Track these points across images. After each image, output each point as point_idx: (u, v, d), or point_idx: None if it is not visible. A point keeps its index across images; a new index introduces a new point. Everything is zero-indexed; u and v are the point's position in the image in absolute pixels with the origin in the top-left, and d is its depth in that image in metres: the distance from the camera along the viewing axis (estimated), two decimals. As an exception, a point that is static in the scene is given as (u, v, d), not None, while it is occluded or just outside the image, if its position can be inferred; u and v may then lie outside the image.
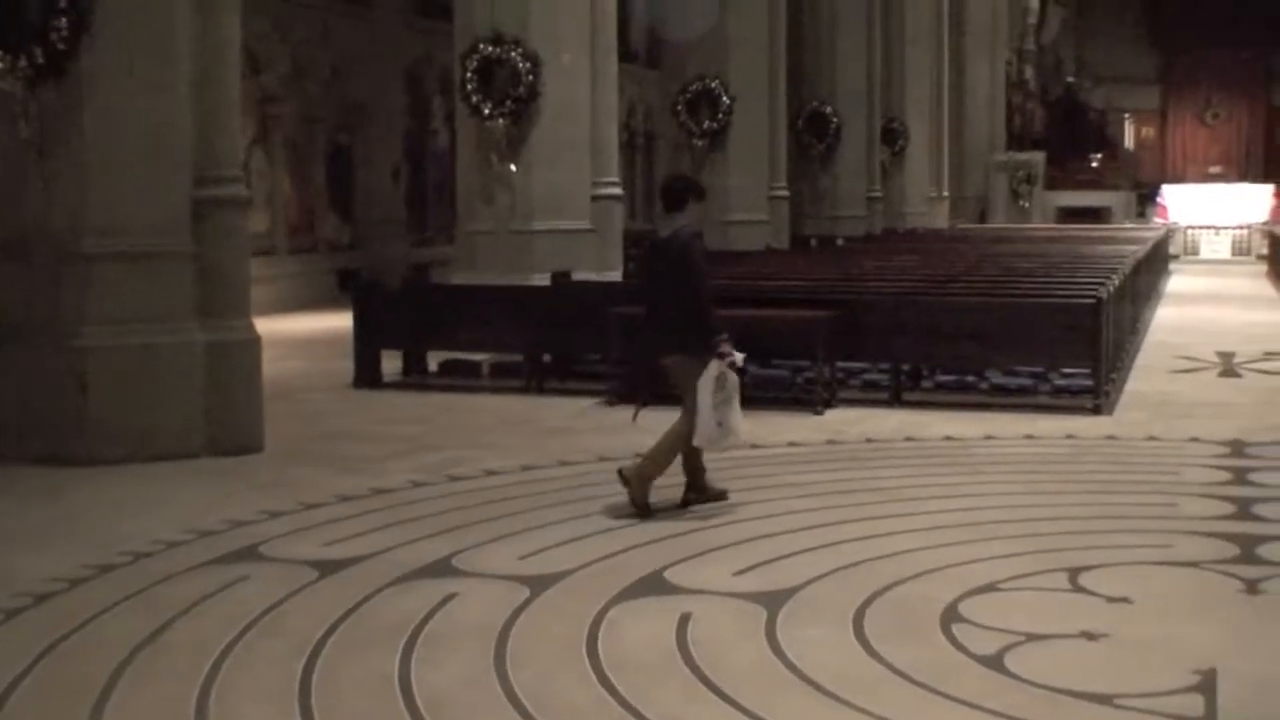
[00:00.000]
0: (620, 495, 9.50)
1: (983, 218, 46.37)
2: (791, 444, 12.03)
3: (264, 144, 24.81)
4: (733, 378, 9.55)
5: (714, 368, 9.45)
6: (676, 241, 9.71)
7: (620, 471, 9.67)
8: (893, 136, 35.95)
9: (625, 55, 25.10)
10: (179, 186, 11.45)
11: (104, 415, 11.15)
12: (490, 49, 17.73)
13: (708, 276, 9.85)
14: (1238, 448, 11.81)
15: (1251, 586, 7.76)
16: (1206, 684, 6.20)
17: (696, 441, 9.56)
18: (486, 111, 17.78)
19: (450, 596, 7.48)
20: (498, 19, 17.77)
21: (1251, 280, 33.03)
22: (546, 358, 15.73)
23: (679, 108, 25.72)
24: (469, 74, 17.85)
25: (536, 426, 13.08)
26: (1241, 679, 6.28)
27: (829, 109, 31.91)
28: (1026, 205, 46.58)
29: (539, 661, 6.52)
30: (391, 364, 15.91)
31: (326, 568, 8.06)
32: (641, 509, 9.42)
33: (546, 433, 12.74)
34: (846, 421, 13.15)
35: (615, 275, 18.50)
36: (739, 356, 9.64)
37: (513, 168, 17.85)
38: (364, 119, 27.54)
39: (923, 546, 8.51)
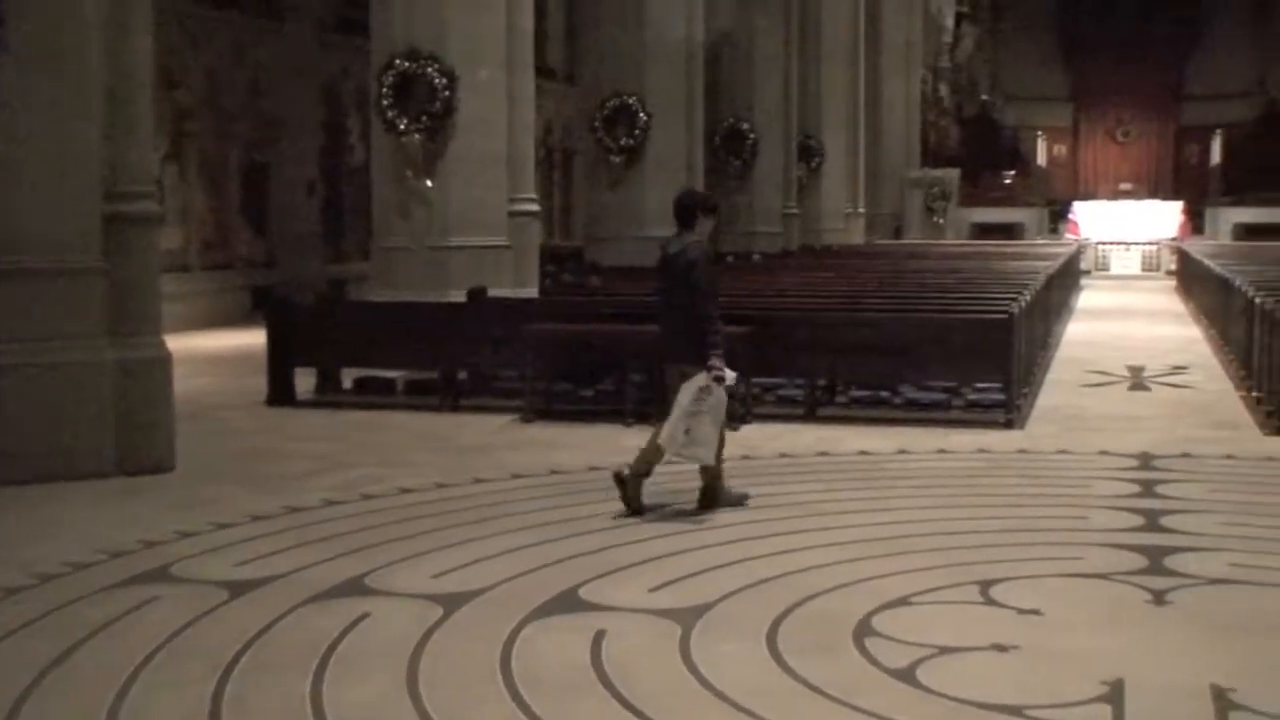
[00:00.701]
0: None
1: (898, 234, 46.62)
2: (707, 460, 12.03)
3: (178, 160, 24.63)
4: (719, 394, 9.79)
5: (700, 379, 9.78)
6: (684, 258, 10.12)
7: (616, 474, 10.06)
8: (809, 153, 36.07)
9: (543, 71, 25.13)
10: (89, 202, 11.34)
11: (12, 435, 11.02)
12: (406, 64, 17.64)
13: (712, 293, 10.19)
14: (1146, 460, 11.95)
15: (1159, 597, 7.85)
16: (1114, 694, 6.28)
17: (661, 442, 9.84)
18: (402, 127, 17.69)
19: (363, 616, 7.45)
20: (414, 35, 17.70)
21: (1161, 295, 33.39)
22: (462, 375, 15.68)
23: (596, 124, 25.68)
24: (385, 89, 17.75)
25: (451, 444, 13.04)
26: (1149, 689, 6.35)
27: (746, 126, 31.98)
28: (941, 222, 46.88)
29: (452, 681, 6.50)
30: (306, 382, 15.81)
31: (238, 588, 8.01)
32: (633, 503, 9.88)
33: (462, 450, 12.70)
34: (762, 437, 13.19)
35: (531, 292, 18.47)
36: (730, 375, 9.92)
37: (429, 184, 17.77)
38: (280, 135, 27.39)
39: (836, 561, 8.56)
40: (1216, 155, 55.39)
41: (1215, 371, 18.25)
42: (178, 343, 12.82)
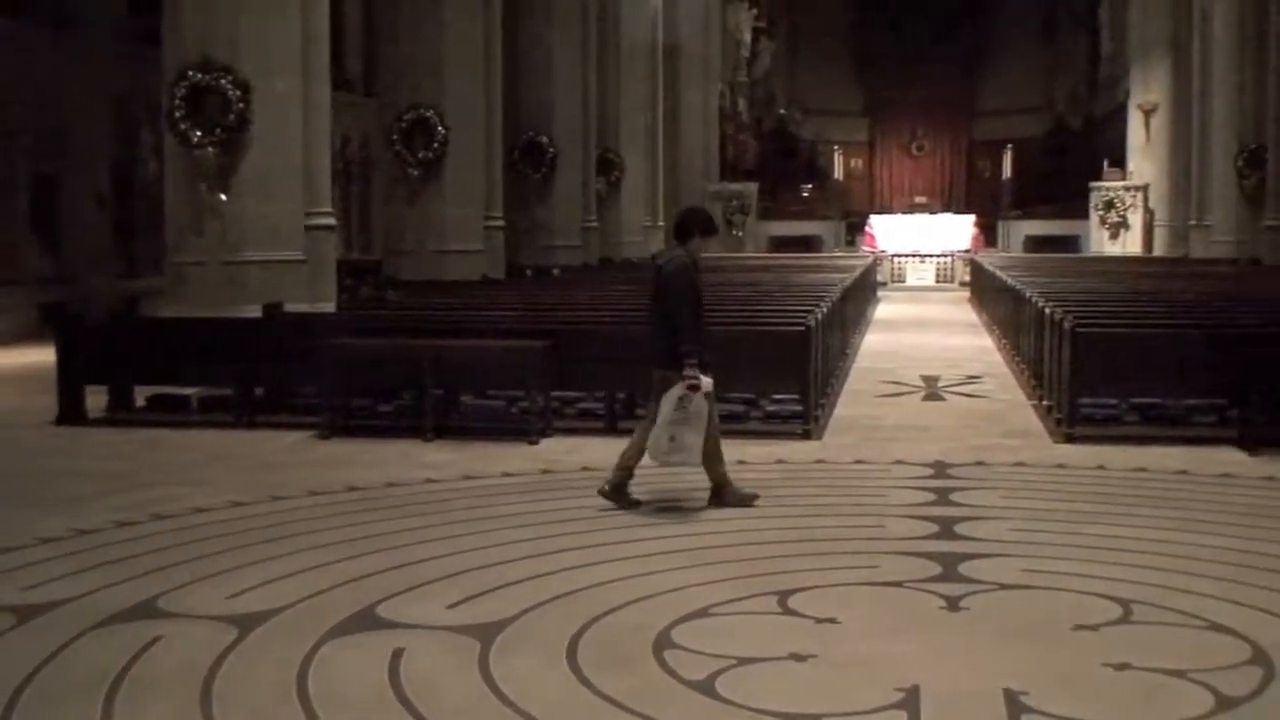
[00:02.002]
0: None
1: (698, 246, 46.88)
2: (506, 474, 12.01)
3: (-39, 173, 24.01)
4: (698, 402, 10.30)
5: (677, 388, 10.28)
6: (667, 269, 10.68)
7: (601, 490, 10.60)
8: (608, 166, 36.20)
9: (340, 83, 24.93)
10: None
11: None
12: (199, 76, 17.40)
13: (691, 304, 10.59)
14: (940, 469, 12.15)
15: (953, 604, 7.97)
16: (910, 700, 6.37)
17: (648, 450, 10.48)
18: (196, 140, 17.44)
19: (155, 639, 7.29)
20: (207, 45, 17.46)
21: (955, 307, 34.00)
22: (258, 391, 15.46)
23: (395, 137, 25.56)
24: (177, 101, 17.49)
25: (247, 461, 12.84)
26: (943, 694, 6.45)
27: (545, 139, 32.02)
28: (740, 234, 47.33)
29: (247, 703, 6.40)
30: (97, 400, 15.46)
31: (25, 613, 7.80)
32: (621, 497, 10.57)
33: (258, 467, 12.52)
34: (562, 451, 13.19)
35: (328, 306, 18.29)
36: (707, 383, 10.42)
37: (223, 197, 17.53)
38: (69, 147, 26.82)
39: (636, 574, 8.57)
40: (1008, 169, 56.55)
41: (1007, 381, 18.61)
42: (-38, 361, 12.47)
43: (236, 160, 17.59)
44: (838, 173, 58.90)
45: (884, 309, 32.85)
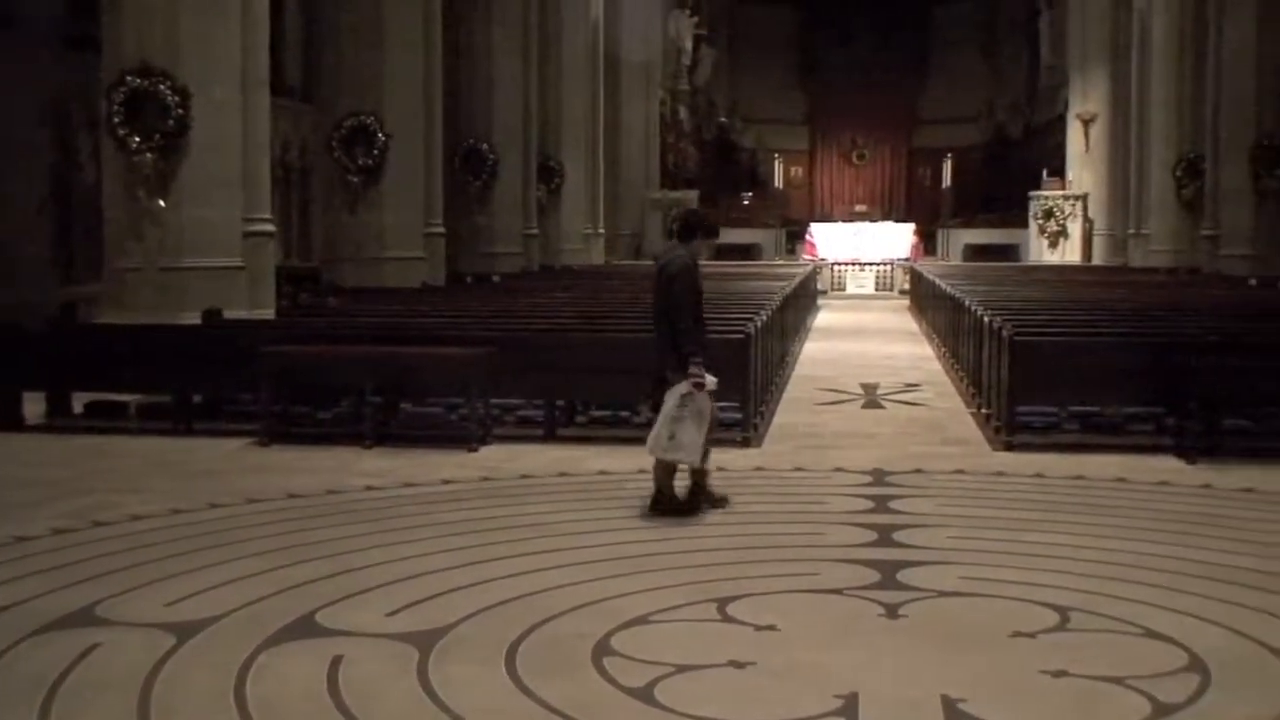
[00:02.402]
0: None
1: (638, 255, 47.01)
2: (446, 481, 11.99)
3: (-108, 180, 23.75)
4: (701, 400, 10.50)
5: (681, 386, 10.48)
6: (670, 269, 10.83)
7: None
8: (549, 174, 36.18)
9: (279, 89, 24.78)
10: None
11: None
12: (138, 81, 17.29)
13: (690, 304, 10.81)
14: (879, 476, 12.19)
15: (892, 611, 8.00)
16: (849, 707, 6.40)
17: (648, 443, 10.65)
18: (134, 146, 17.32)
19: (93, 647, 7.24)
20: (146, 50, 17.35)
21: (894, 315, 34.11)
22: (197, 398, 15.38)
23: (334, 144, 25.45)
24: (116, 107, 17.38)
25: (186, 468, 12.76)
26: (882, 701, 6.48)
27: (485, 146, 31.95)
28: (681, 242, 47.31)
29: (185, 712, 6.37)
30: (35, 407, 15.35)
31: (-40, 621, 7.74)
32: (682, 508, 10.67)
33: (196, 475, 12.44)
34: (502, 458, 13.16)
35: (268, 313, 18.20)
36: (711, 380, 10.65)
37: (161, 203, 17.43)
38: (5, 152, 26.56)
39: (575, 581, 8.56)
40: (948, 178, 56.87)
41: (947, 389, 18.69)
42: (-104, 367, 12.35)
43: (175, 166, 17.48)
44: (778, 181, 59.15)
45: (824, 317, 32.93)
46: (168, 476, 12.37)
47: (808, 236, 46.74)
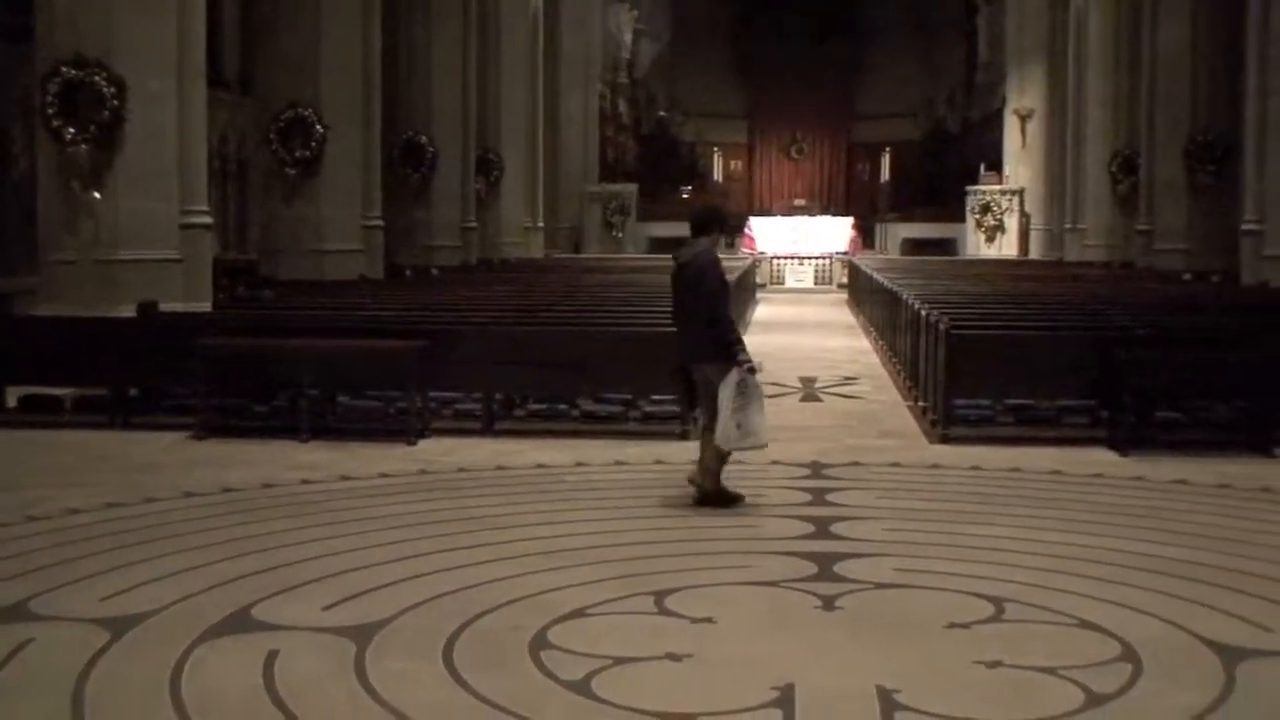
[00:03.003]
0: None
1: (577, 248, 47.01)
2: (383, 475, 11.96)
3: None
4: (754, 383, 10.68)
5: (735, 375, 10.57)
6: (695, 265, 10.93)
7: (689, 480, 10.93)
8: (488, 167, 36.08)
9: (217, 81, 24.65)
10: None
11: None
12: (72, 72, 17.16)
13: (724, 294, 11.07)
14: (817, 469, 12.25)
15: (828, 603, 8.04)
16: (785, 699, 6.42)
17: (718, 441, 10.66)
18: (69, 137, 17.18)
19: (26, 642, 7.19)
20: (81, 41, 17.21)
21: (833, 309, 34.23)
22: (133, 391, 15.29)
23: (272, 135, 25.33)
24: (50, 98, 17.23)
25: (122, 463, 12.69)
26: (818, 693, 6.51)
27: (425, 139, 31.85)
28: (620, 235, 47.42)
29: (119, 707, 6.34)
30: (-33, 400, 15.25)
31: (-109, 616, 7.68)
32: (724, 500, 10.75)
33: (132, 469, 12.37)
34: (439, 451, 13.15)
35: (204, 306, 18.09)
36: (759, 363, 10.96)
37: (97, 196, 17.30)
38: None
39: (513, 575, 8.56)
40: (886, 172, 57.09)
41: (884, 382, 18.77)
42: None
43: (111, 158, 17.36)
44: (717, 174, 59.21)
45: (763, 310, 33.01)
46: (103, 471, 12.30)
47: (747, 230, 46.75)
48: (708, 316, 10.80)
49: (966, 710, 6.34)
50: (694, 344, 10.92)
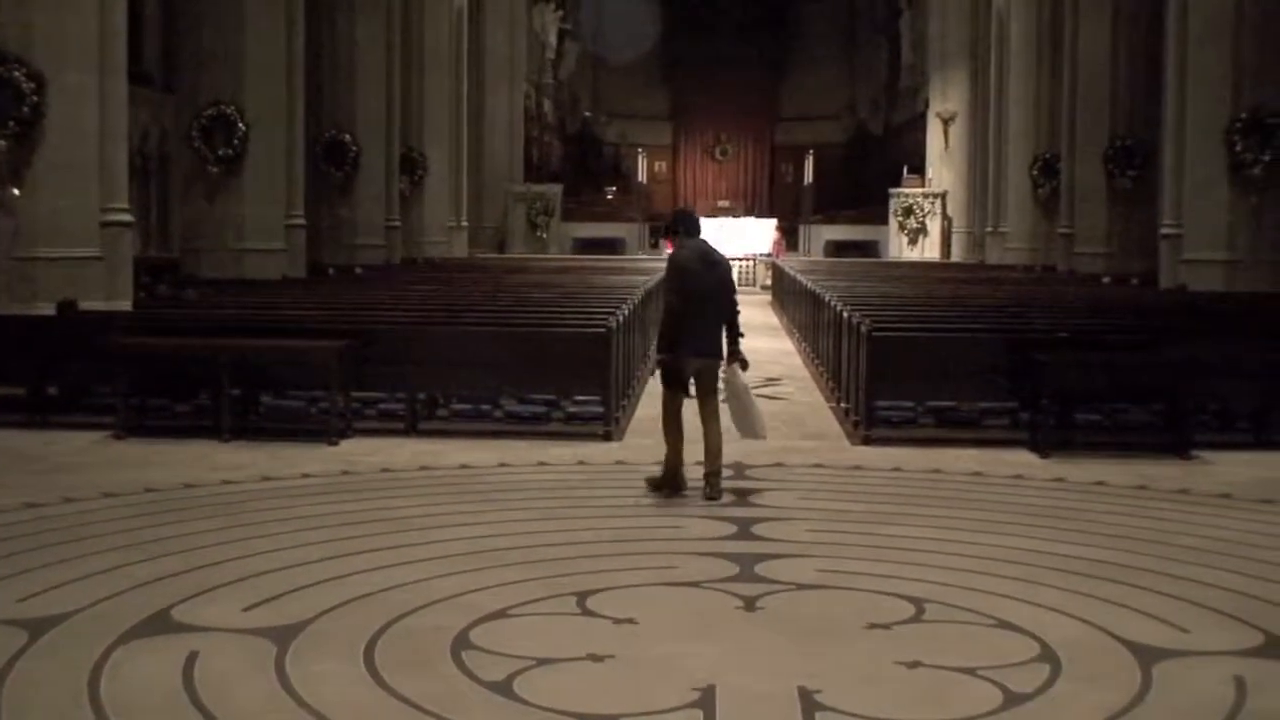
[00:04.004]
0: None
1: (501, 248, 46.90)
2: (305, 475, 11.91)
3: None
4: (738, 380, 11.58)
5: (743, 371, 11.69)
6: (725, 263, 11.82)
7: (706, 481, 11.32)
8: (412, 165, 35.92)
9: (138, 77, 24.46)
10: None
11: None
12: (-10, 67, 16.99)
13: (678, 294, 11.43)
14: (739, 470, 12.28)
15: (749, 604, 8.08)
16: (706, 700, 6.45)
17: (747, 434, 11.86)
18: (-13, 133, 17.02)
19: (-58, 643, 7.13)
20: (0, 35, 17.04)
21: (756, 310, 34.23)
22: (52, 390, 15.15)
23: (194, 133, 25.13)
24: (-33, 94, 17.05)
25: (40, 462, 12.57)
26: (739, 693, 6.54)
27: (348, 137, 31.68)
28: (544, 236, 47.33)
29: (38, 708, 6.30)
30: (-118, 399, 15.05)
31: None
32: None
33: (50, 468, 12.26)
34: (362, 452, 13.10)
35: (125, 304, 17.94)
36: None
37: (15, 192, 17.12)
38: None
39: (435, 575, 8.56)
40: (809, 174, 57.19)
41: (807, 384, 18.86)
42: None
43: (29, 154, 17.18)
44: (642, 175, 59.11)
45: (687, 311, 32.94)
46: (21, 470, 12.19)
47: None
48: (731, 313, 11.59)
49: (886, 710, 6.39)
50: (713, 339, 11.48)
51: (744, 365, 11.72)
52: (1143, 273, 27.26)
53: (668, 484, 11.28)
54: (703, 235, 11.75)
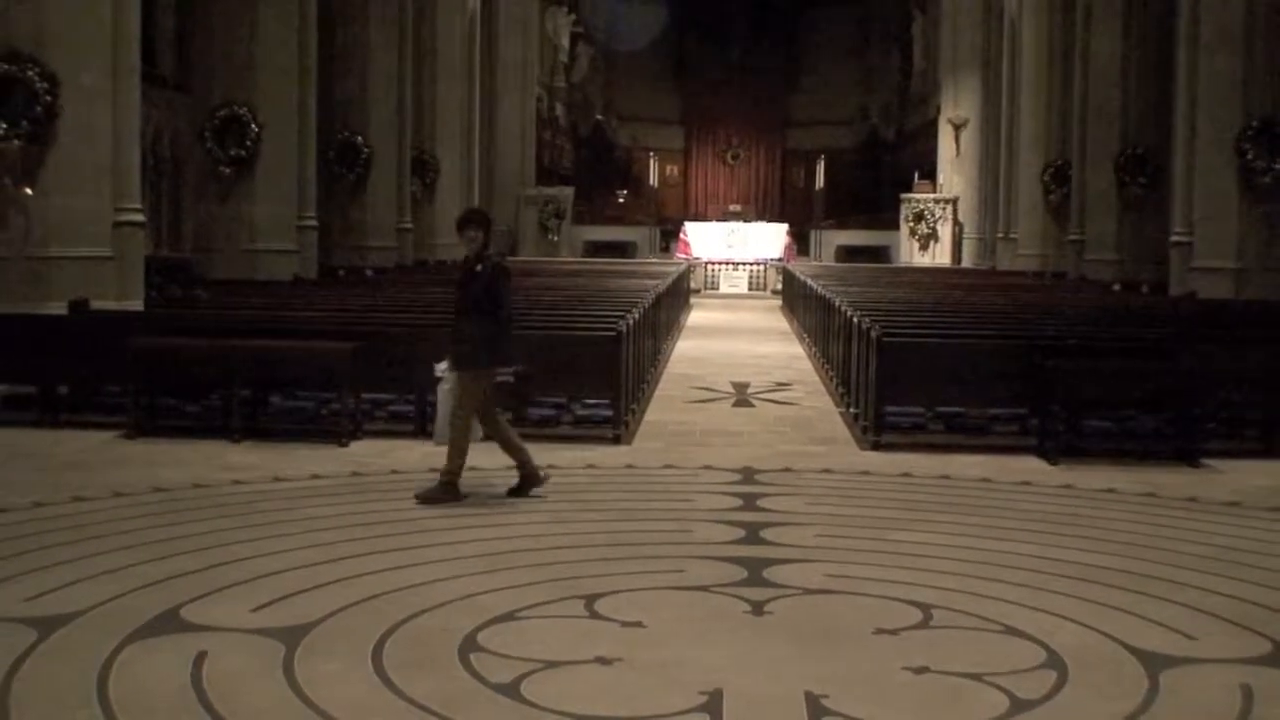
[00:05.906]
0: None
1: (513, 250, 46.92)
2: (315, 476, 11.92)
3: None
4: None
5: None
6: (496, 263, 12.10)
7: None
8: (424, 168, 35.98)
9: (152, 77, 24.50)
10: None
11: None
12: (5, 67, 17.00)
13: (509, 303, 12.03)
14: (748, 475, 12.28)
15: (758, 608, 8.08)
16: (713, 704, 6.45)
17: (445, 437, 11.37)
18: (0, 132, 17.04)
19: (-49, 641, 7.15)
20: (13, 35, 17.07)
21: (767, 314, 34.33)
22: (63, 389, 15.19)
23: (206, 134, 25.22)
24: (-19, 93, 17.09)
25: (51, 461, 12.60)
26: (746, 698, 6.54)
27: (360, 139, 31.75)
28: (555, 239, 47.35)
29: (46, 708, 6.30)
30: (-106, 396, 15.10)
31: None
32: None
33: (61, 467, 12.29)
34: (372, 453, 13.12)
35: (136, 305, 17.97)
36: (440, 368, 11.72)
37: (28, 192, 17.16)
38: None
39: (443, 577, 8.57)
40: (821, 179, 57.24)
41: (816, 388, 18.85)
42: None
43: (43, 154, 17.22)
44: (653, 179, 59.27)
45: (697, 316, 33.07)
46: (32, 469, 12.22)
47: (682, 235, 46.87)
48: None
49: (893, 716, 6.40)
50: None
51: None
52: (1153, 280, 27.28)
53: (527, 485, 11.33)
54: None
